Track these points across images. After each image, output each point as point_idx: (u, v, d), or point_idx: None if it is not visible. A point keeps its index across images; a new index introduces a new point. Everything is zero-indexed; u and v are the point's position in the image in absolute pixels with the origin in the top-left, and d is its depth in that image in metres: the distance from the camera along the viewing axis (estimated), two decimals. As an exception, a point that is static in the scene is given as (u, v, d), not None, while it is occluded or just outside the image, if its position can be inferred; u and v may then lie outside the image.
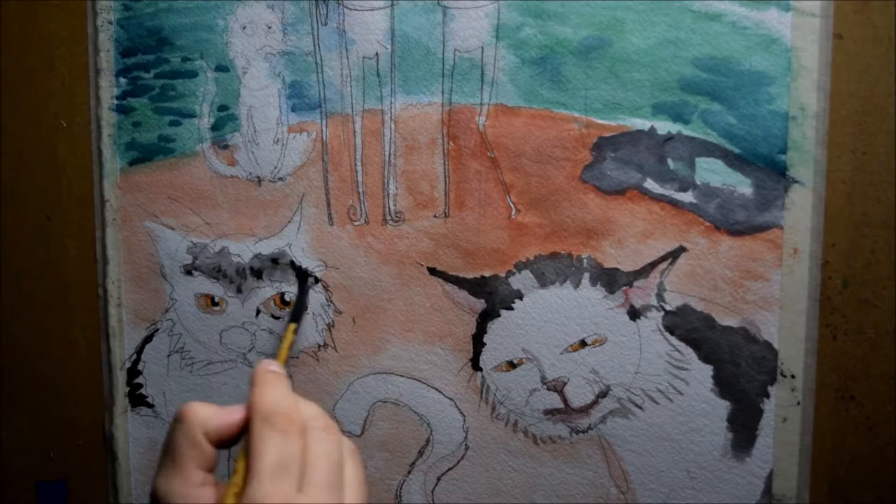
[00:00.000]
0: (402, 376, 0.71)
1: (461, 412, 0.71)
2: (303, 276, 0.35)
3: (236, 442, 0.38)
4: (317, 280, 0.67)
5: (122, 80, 0.73)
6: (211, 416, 0.37)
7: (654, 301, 0.67)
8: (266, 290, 0.72)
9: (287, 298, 0.72)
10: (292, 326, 0.43)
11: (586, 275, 0.67)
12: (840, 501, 0.67)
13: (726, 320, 0.66)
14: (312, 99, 0.70)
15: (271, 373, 0.39)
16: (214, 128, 0.72)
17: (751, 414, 0.66)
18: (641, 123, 0.66)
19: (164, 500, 0.35)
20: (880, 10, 0.63)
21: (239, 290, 0.72)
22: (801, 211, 0.65)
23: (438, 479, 0.71)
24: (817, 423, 0.66)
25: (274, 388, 0.38)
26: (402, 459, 0.72)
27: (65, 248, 0.75)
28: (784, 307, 0.65)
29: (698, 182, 0.66)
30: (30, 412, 0.77)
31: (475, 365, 0.70)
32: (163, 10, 0.71)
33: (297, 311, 0.68)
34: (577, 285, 0.68)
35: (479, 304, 0.69)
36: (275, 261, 0.72)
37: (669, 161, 0.66)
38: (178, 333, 0.74)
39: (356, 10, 0.68)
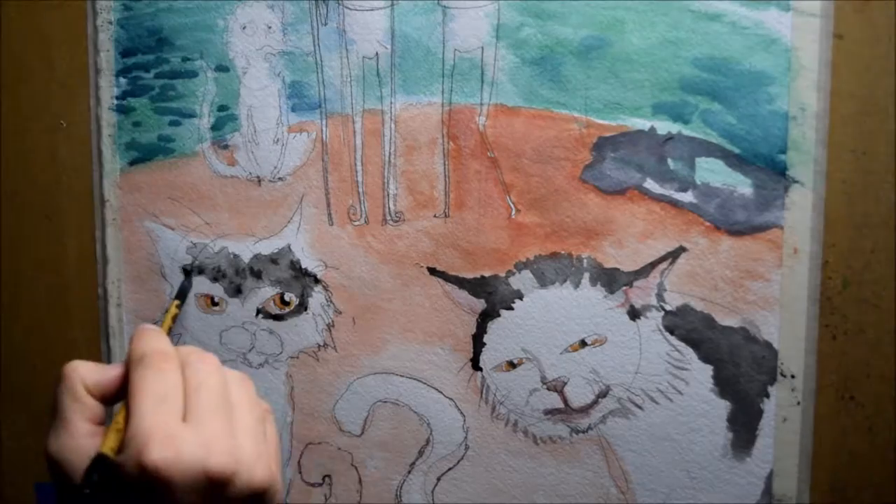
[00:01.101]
0: (402, 376, 0.71)
1: (461, 412, 0.71)
2: (186, 273, 0.38)
3: (121, 397, 0.37)
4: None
5: (122, 80, 0.73)
6: (91, 370, 0.37)
7: (654, 301, 0.67)
8: (266, 290, 0.72)
9: (287, 298, 0.72)
10: (175, 302, 0.44)
11: (586, 275, 0.67)
12: (840, 501, 0.67)
13: (726, 320, 0.66)
14: (312, 99, 0.70)
15: (148, 327, 0.39)
16: (214, 128, 0.72)
17: (751, 414, 0.66)
18: (641, 123, 0.66)
19: (55, 457, 0.35)
20: (880, 10, 0.63)
21: (239, 291, 0.72)
22: (801, 211, 0.65)
23: (438, 479, 0.71)
24: (817, 423, 0.66)
25: (149, 336, 0.38)
26: (402, 459, 0.72)
27: (65, 248, 0.75)
28: (784, 307, 0.65)
29: (698, 182, 0.66)
30: (30, 412, 0.77)
31: (475, 365, 0.70)
32: (163, 10, 0.71)
33: (182, 290, 0.70)
34: (577, 285, 0.68)
35: (479, 304, 0.69)
36: (275, 261, 0.72)
37: (669, 161, 0.66)
38: (178, 333, 0.74)
39: (356, 10, 0.68)
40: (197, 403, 0.35)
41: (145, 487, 0.32)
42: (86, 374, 0.37)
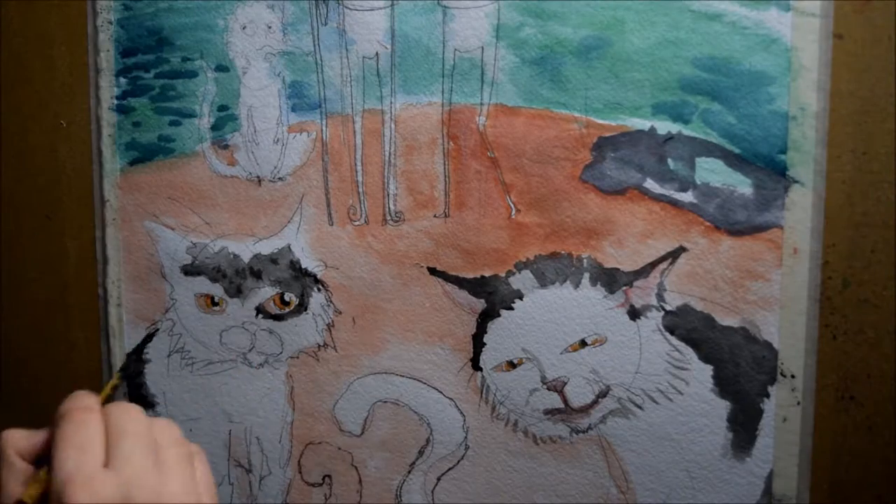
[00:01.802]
0: (402, 376, 0.71)
1: (461, 412, 0.71)
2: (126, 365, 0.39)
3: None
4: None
5: (122, 80, 0.73)
6: (21, 436, 0.38)
7: (654, 301, 0.67)
8: (266, 290, 0.72)
9: (287, 298, 0.72)
10: (118, 374, 0.45)
11: (586, 275, 0.68)
12: (840, 501, 0.67)
13: (726, 320, 0.66)
14: (312, 99, 0.70)
15: (78, 392, 0.40)
16: (214, 128, 0.72)
17: (751, 414, 0.66)
18: (641, 123, 0.66)
19: None
20: (880, 10, 0.63)
21: (239, 291, 0.72)
22: (801, 211, 0.65)
23: (438, 479, 0.71)
24: (817, 423, 0.66)
25: (75, 397, 0.39)
26: (402, 459, 0.72)
27: (65, 248, 0.75)
28: (784, 307, 0.65)
29: (698, 182, 0.66)
30: (30, 412, 0.77)
31: (475, 365, 0.70)
32: (163, 10, 0.71)
33: (125, 366, 0.72)
34: (577, 285, 0.68)
35: (479, 304, 0.69)
36: (275, 261, 0.72)
37: (669, 161, 0.66)
38: (178, 333, 0.74)
39: (356, 10, 0.68)
40: (119, 448, 0.35)
41: None
42: (17, 441, 0.38)
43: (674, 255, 0.66)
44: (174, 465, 0.37)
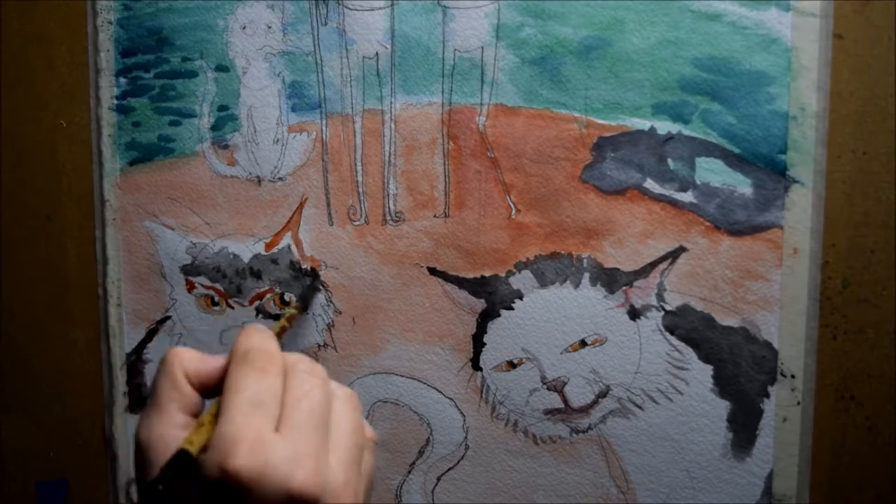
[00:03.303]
0: (402, 376, 0.71)
1: (461, 412, 0.71)
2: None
3: (220, 391, 0.35)
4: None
5: (122, 80, 0.73)
6: (193, 358, 0.35)
7: (654, 301, 0.67)
8: (266, 290, 0.72)
9: (287, 298, 0.72)
10: (297, 305, 0.40)
11: (586, 275, 0.68)
12: (840, 501, 0.67)
13: (726, 320, 0.66)
14: (312, 99, 0.70)
15: (257, 326, 0.37)
16: (214, 128, 0.72)
17: (751, 414, 0.66)
18: (641, 123, 0.66)
19: (145, 442, 0.33)
20: (880, 10, 0.63)
21: (239, 291, 0.72)
22: (801, 211, 0.65)
23: (438, 479, 0.71)
24: (817, 423, 0.66)
25: (256, 334, 0.36)
26: (402, 459, 0.72)
27: (65, 248, 0.75)
28: (784, 307, 0.65)
29: (698, 182, 0.66)
30: (30, 412, 0.77)
31: (475, 365, 0.70)
32: (163, 10, 0.71)
33: (304, 295, 0.67)
34: (577, 285, 0.68)
35: (479, 304, 0.69)
36: (274, 261, 0.72)
37: (669, 161, 0.66)
38: (179, 333, 0.74)
39: (356, 9, 0.68)
40: (294, 415, 0.33)
41: (224, 491, 0.31)
42: (188, 363, 0.35)
43: (674, 255, 0.66)
44: (345, 452, 0.34)
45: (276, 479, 0.31)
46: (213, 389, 0.36)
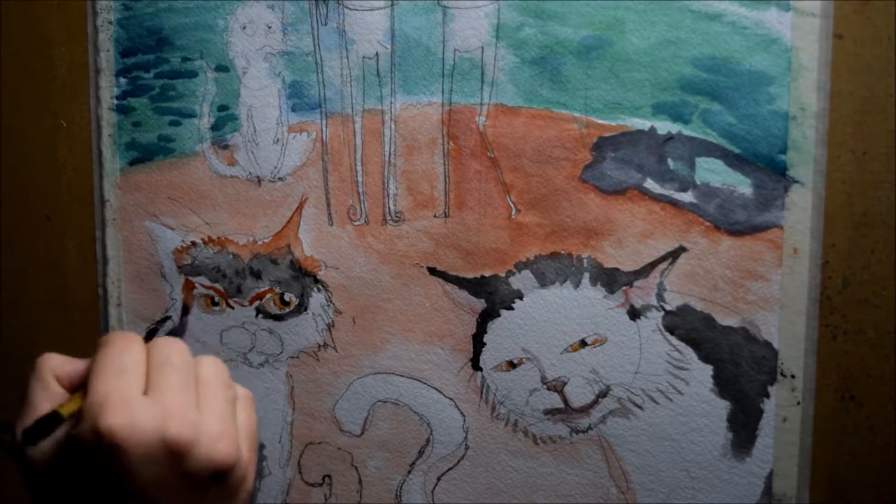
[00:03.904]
0: (402, 376, 0.71)
1: (461, 412, 0.71)
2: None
3: None
4: None
5: (122, 80, 0.73)
6: (62, 361, 0.37)
7: (654, 301, 0.67)
8: (266, 291, 0.72)
9: (287, 298, 0.72)
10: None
11: (586, 275, 0.67)
12: (840, 501, 0.67)
13: (726, 320, 0.66)
14: (312, 99, 0.70)
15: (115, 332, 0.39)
16: (214, 128, 0.72)
17: (751, 414, 0.66)
18: (641, 123, 0.66)
19: (19, 440, 0.34)
20: (880, 10, 0.63)
21: (239, 291, 0.72)
22: (801, 211, 0.65)
23: (438, 479, 0.71)
24: (817, 423, 0.66)
25: (116, 332, 0.38)
26: (402, 459, 0.72)
27: (65, 248, 0.75)
28: (784, 307, 0.65)
29: (698, 182, 0.66)
30: (30, 412, 0.77)
31: (475, 365, 0.70)
32: (163, 10, 0.71)
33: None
34: (577, 285, 0.68)
35: (480, 304, 0.69)
36: (274, 261, 0.72)
37: (669, 161, 0.66)
38: (179, 333, 0.74)
39: (356, 10, 0.68)
40: (160, 378, 0.34)
41: (101, 456, 0.31)
42: (57, 366, 0.36)
43: (674, 255, 0.66)
44: (215, 405, 0.35)
45: (148, 432, 0.32)
46: (83, 387, 0.37)
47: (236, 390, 0.37)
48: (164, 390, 0.33)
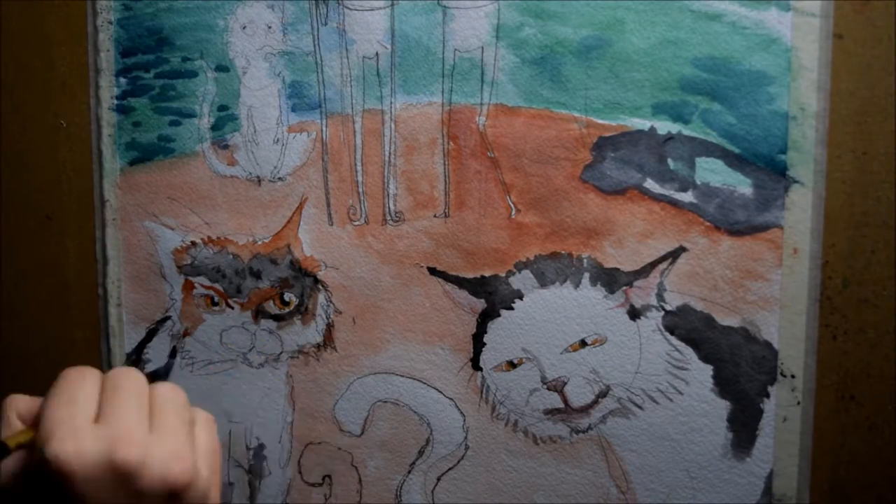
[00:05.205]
0: (402, 376, 0.71)
1: (461, 412, 0.71)
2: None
3: None
4: None
5: (122, 80, 0.73)
6: (25, 400, 0.37)
7: (654, 301, 0.67)
8: (266, 291, 0.72)
9: (287, 298, 0.72)
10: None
11: (586, 275, 0.68)
12: (840, 501, 0.67)
13: (726, 320, 0.66)
14: (312, 99, 0.70)
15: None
16: (214, 128, 0.72)
17: (751, 414, 0.66)
18: (641, 123, 0.66)
19: None
20: (880, 10, 0.63)
21: (239, 291, 0.72)
22: (801, 211, 0.65)
23: (438, 479, 0.71)
24: (817, 423, 0.66)
25: (72, 367, 0.38)
26: (402, 459, 0.72)
27: (65, 248, 0.75)
28: (784, 307, 0.65)
29: (698, 182, 0.66)
30: (30, 412, 0.77)
31: (475, 365, 0.70)
32: (163, 10, 0.71)
33: None
34: (577, 285, 0.68)
35: (480, 304, 0.69)
36: (274, 261, 0.72)
37: (669, 161, 0.66)
38: (179, 333, 0.74)
39: (356, 10, 0.68)
40: (111, 405, 0.34)
41: (53, 483, 0.32)
42: (19, 404, 0.37)
43: (674, 255, 0.66)
44: (169, 426, 0.35)
45: (95, 457, 0.32)
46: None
47: (195, 414, 0.38)
48: (115, 416, 0.34)
